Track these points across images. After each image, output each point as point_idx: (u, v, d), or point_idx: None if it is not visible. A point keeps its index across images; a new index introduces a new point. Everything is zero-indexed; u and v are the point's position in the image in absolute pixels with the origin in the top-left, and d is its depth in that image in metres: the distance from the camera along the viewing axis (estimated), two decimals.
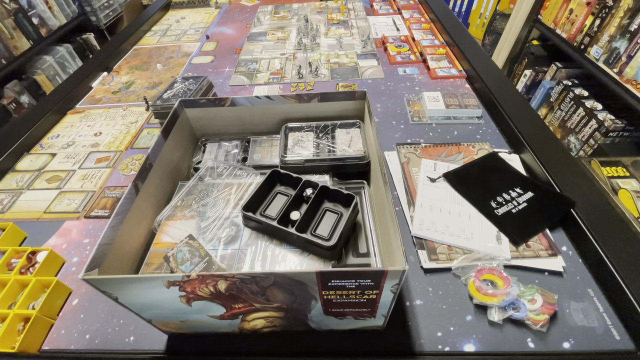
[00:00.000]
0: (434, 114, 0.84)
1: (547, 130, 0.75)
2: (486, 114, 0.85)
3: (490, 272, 0.51)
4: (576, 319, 0.48)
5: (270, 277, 0.34)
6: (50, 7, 1.98)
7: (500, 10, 2.20)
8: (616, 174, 0.87)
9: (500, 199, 0.62)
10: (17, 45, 1.75)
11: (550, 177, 0.64)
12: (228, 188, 0.59)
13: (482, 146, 0.74)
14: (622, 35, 1.18)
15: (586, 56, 1.33)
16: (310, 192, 0.54)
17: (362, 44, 1.18)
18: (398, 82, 0.98)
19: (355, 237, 0.54)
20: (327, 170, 0.61)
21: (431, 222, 0.60)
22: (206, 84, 0.90)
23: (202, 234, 0.53)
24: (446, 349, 0.46)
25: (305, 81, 1.02)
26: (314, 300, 0.38)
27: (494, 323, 0.48)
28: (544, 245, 0.56)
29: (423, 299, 0.51)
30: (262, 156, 0.66)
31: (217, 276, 0.34)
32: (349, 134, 0.64)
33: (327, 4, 1.51)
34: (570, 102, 1.40)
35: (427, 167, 0.70)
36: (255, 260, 0.50)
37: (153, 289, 0.35)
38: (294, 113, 0.66)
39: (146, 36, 1.40)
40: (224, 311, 0.41)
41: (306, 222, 0.51)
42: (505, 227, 0.58)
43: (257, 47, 1.22)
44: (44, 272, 0.56)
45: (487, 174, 0.68)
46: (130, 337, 0.50)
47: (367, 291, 0.36)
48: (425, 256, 0.56)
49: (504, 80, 0.90)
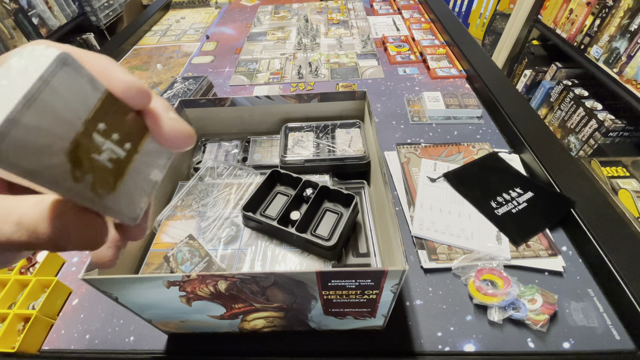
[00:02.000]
0: (434, 114, 0.84)
1: (547, 130, 0.75)
2: (486, 114, 0.85)
3: (490, 272, 0.51)
4: (576, 319, 0.48)
5: (270, 277, 0.34)
6: (50, 7, 1.98)
7: (500, 10, 2.20)
8: (616, 174, 0.87)
9: (500, 199, 0.62)
10: (17, 45, 1.75)
11: (550, 177, 0.64)
12: (228, 188, 0.59)
13: (482, 146, 0.74)
14: (622, 35, 1.18)
15: (586, 56, 1.33)
16: (310, 192, 0.54)
17: (362, 44, 1.18)
18: (398, 82, 0.98)
19: (355, 237, 0.54)
20: (327, 170, 0.61)
21: (431, 222, 0.60)
22: (206, 84, 0.90)
23: (202, 234, 0.53)
24: (446, 349, 0.46)
25: (305, 81, 1.02)
26: (314, 300, 0.38)
27: (494, 323, 0.48)
28: (544, 245, 0.56)
29: (423, 299, 0.51)
30: (262, 156, 0.66)
31: (217, 276, 0.34)
32: (349, 134, 0.64)
33: (327, 4, 1.52)
34: (570, 102, 1.40)
35: (427, 167, 0.70)
36: (255, 260, 0.50)
37: (153, 289, 0.35)
38: (294, 113, 0.66)
39: (146, 36, 1.40)
40: (224, 311, 0.41)
41: (306, 222, 0.51)
42: (505, 227, 0.58)
43: (257, 47, 1.22)
44: (44, 272, 0.56)
45: (487, 174, 0.68)
46: (130, 337, 0.50)
47: (367, 291, 0.36)
48: (425, 256, 0.56)
49: (504, 80, 0.90)
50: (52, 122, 0.14)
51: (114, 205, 0.17)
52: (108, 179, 0.16)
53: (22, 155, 0.13)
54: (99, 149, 0.15)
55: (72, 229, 0.15)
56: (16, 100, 0.12)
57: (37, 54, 0.13)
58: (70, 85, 0.14)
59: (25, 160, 0.13)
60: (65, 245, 0.15)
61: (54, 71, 0.13)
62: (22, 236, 0.14)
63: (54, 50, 0.14)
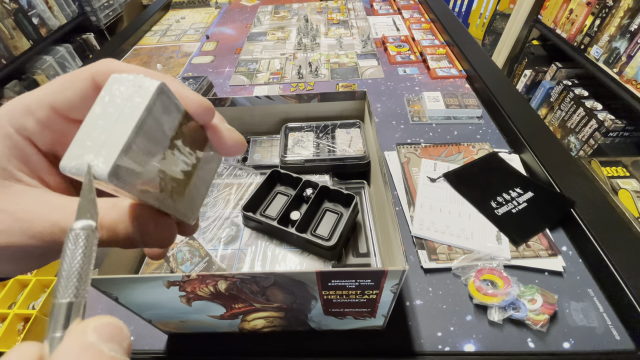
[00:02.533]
0: (434, 114, 0.84)
1: (547, 130, 0.75)
2: (486, 114, 0.85)
3: (490, 272, 0.51)
4: (576, 319, 0.48)
5: (270, 277, 0.34)
6: (50, 7, 1.98)
7: (500, 10, 2.20)
8: (616, 174, 0.87)
9: (500, 199, 0.62)
10: (17, 45, 1.75)
11: (550, 177, 0.64)
12: (228, 188, 0.59)
13: (482, 146, 0.74)
14: (622, 35, 1.18)
15: (586, 56, 1.33)
16: (310, 192, 0.54)
17: (362, 44, 1.18)
18: (398, 82, 0.98)
19: (355, 237, 0.54)
20: (327, 170, 0.61)
21: (431, 222, 0.60)
22: (206, 84, 0.90)
23: (202, 234, 0.53)
24: (446, 349, 0.46)
25: (305, 81, 1.02)
26: (314, 300, 0.38)
27: (494, 323, 0.48)
28: (544, 245, 0.56)
29: (423, 299, 0.51)
30: (262, 156, 0.66)
31: (217, 276, 0.34)
32: (349, 134, 0.64)
33: (327, 4, 1.51)
34: (570, 102, 1.40)
35: (427, 167, 0.70)
36: (255, 260, 0.50)
37: (153, 289, 0.35)
38: (294, 113, 0.66)
39: (146, 36, 1.40)
40: (224, 311, 0.41)
41: (306, 222, 0.51)
42: (505, 227, 0.58)
43: (257, 47, 1.22)
44: (44, 272, 0.56)
45: (487, 174, 0.68)
46: (130, 337, 0.50)
47: (367, 291, 0.36)
48: (425, 256, 0.56)
49: (504, 80, 0.90)
50: (152, 144, 0.16)
51: (182, 208, 0.19)
52: (181, 186, 0.18)
53: (131, 174, 0.15)
54: (177, 161, 0.18)
55: (149, 229, 0.17)
56: (129, 129, 0.14)
57: (138, 82, 0.15)
58: (164, 110, 0.16)
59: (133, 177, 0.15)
60: (141, 243, 0.17)
61: (155, 100, 0.15)
62: (102, 236, 0.16)
63: (153, 82, 0.15)
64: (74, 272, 0.12)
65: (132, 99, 0.15)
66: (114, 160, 0.14)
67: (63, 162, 0.14)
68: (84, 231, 0.13)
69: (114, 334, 0.12)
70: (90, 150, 0.14)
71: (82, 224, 0.13)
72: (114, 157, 0.14)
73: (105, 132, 0.14)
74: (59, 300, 0.12)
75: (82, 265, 0.12)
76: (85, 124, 0.15)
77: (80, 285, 0.12)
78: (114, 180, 0.14)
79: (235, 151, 0.20)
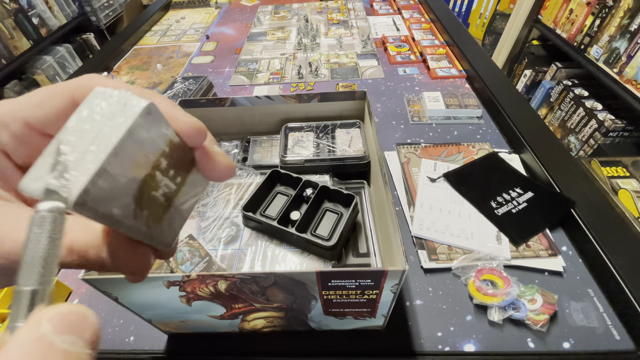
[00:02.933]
0: (434, 114, 0.84)
1: (547, 130, 0.75)
2: (486, 114, 0.85)
3: (490, 272, 0.51)
4: (576, 319, 0.48)
5: (270, 277, 0.34)
6: (50, 7, 1.98)
7: (500, 10, 2.20)
8: (616, 174, 0.87)
9: (500, 199, 0.62)
10: (17, 45, 1.75)
11: (550, 177, 0.64)
12: (228, 188, 0.59)
13: (482, 146, 0.74)
14: (622, 35, 1.18)
15: (586, 56, 1.33)
16: (310, 192, 0.54)
17: (362, 44, 1.18)
18: (398, 82, 0.98)
19: (355, 237, 0.54)
20: (327, 170, 0.61)
21: (431, 222, 0.60)
22: (206, 84, 0.90)
23: (202, 234, 0.53)
24: (446, 349, 0.46)
25: (305, 81, 1.02)
26: (314, 300, 0.38)
27: (494, 323, 0.48)
28: (544, 245, 0.56)
29: (423, 299, 0.51)
30: (262, 156, 0.66)
31: (217, 276, 0.34)
32: (349, 134, 0.64)
33: (327, 4, 1.52)
34: (570, 102, 1.40)
35: (427, 167, 0.70)
36: (255, 260, 0.50)
37: (153, 289, 0.35)
38: (294, 113, 0.66)
39: (146, 36, 1.40)
40: (224, 311, 0.41)
41: (306, 222, 0.51)
42: (505, 227, 0.58)
43: (257, 47, 1.22)
44: None
45: (487, 174, 0.68)
46: (130, 337, 0.50)
47: (367, 291, 0.36)
48: (425, 256, 0.56)
49: (504, 80, 0.90)
50: (130, 168, 0.14)
51: (158, 235, 0.17)
52: (158, 212, 0.16)
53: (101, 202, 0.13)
54: (158, 186, 0.16)
55: (121, 257, 0.16)
56: (105, 153, 0.13)
57: (123, 100, 0.14)
58: (148, 132, 0.14)
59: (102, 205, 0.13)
60: (113, 270, 0.16)
61: (140, 122, 0.14)
62: (73, 260, 0.15)
63: (140, 101, 0.14)
64: (38, 257, 0.11)
65: (113, 118, 0.13)
66: (82, 187, 0.12)
67: (23, 182, 0.12)
68: (51, 213, 0.12)
69: (73, 324, 0.11)
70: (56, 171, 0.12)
71: (49, 205, 0.12)
72: (82, 184, 0.12)
73: (77, 152, 0.13)
74: (21, 288, 0.11)
75: (48, 250, 0.11)
76: (56, 140, 0.13)
77: (45, 272, 0.11)
78: (79, 209, 0.12)
79: (225, 176, 0.19)
